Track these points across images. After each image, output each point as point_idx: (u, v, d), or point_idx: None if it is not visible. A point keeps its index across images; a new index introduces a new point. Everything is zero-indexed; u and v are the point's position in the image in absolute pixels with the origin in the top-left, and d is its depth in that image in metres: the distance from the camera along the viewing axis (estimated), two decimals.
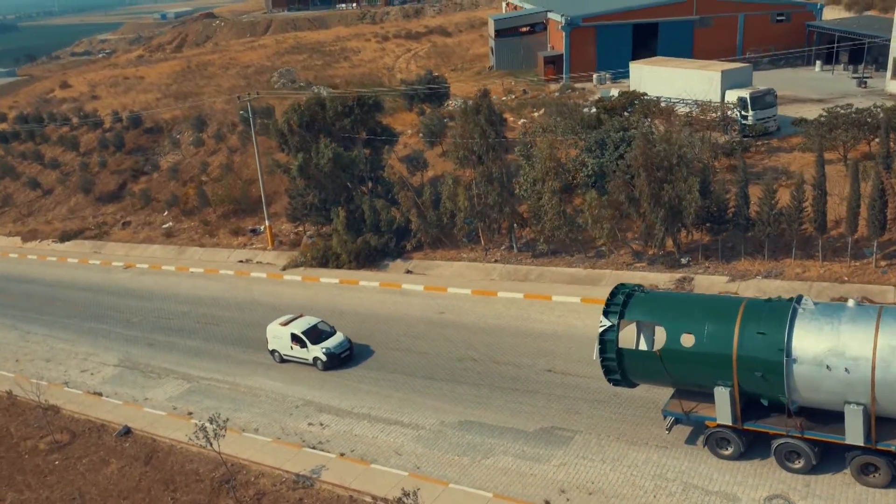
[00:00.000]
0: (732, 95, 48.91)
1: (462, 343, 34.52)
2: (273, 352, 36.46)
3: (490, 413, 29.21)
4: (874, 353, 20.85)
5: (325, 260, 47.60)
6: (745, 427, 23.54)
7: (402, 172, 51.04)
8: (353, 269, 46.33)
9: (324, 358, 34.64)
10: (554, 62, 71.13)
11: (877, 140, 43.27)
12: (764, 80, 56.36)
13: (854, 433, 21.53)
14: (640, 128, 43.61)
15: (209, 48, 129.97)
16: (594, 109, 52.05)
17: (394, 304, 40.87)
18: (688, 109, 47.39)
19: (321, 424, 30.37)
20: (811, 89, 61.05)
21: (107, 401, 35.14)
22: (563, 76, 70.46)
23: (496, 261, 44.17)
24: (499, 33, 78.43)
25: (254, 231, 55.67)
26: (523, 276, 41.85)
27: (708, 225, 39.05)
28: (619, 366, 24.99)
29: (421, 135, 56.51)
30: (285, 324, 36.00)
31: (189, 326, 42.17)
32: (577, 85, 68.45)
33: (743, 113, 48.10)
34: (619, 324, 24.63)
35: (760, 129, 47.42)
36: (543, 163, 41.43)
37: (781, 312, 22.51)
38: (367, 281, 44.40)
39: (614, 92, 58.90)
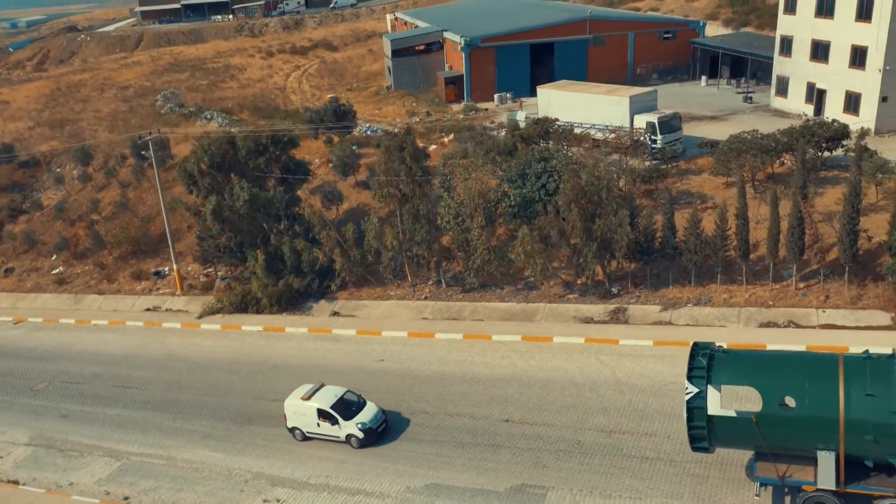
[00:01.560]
0: (641, 120, 50.32)
1: (411, 395, 33.64)
2: (293, 429, 32.32)
3: (455, 474, 28.52)
4: None
5: (245, 305, 45.35)
6: (847, 490, 22.57)
7: (317, 207, 49.44)
8: (275, 313, 44.38)
9: (360, 434, 30.74)
10: (454, 83, 71.12)
11: (780, 163, 45.81)
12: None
13: None
14: (560, 157, 44.10)
15: (77, 65, 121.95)
16: (503, 133, 52.34)
17: (328, 352, 39.39)
18: (602, 136, 48.42)
19: (277, 501, 28.70)
20: (702, 105, 63.90)
21: (26, 490, 31.87)
22: (465, 97, 70.58)
23: (426, 297, 43.49)
24: (395, 53, 77.67)
25: (158, 274, 52.38)
26: (456, 313, 41.35)
27: (637, 255, 39.93)
28: (708, 433, 23.56)
29: (331, 164, 55.01)
30: (307, 397, 31.72)
31: (105, 392, 39.02)
32: (480, 105, 68.76)
33: (652, 137, 49.63)
34: (706, 389, 23.28)
35: (670, 152, 49.06)
36: (471, 199, 41.12)
37: (887, 371, 21.91)
38: (294, 327, 42.62)
39: (521, 115, 59.48)
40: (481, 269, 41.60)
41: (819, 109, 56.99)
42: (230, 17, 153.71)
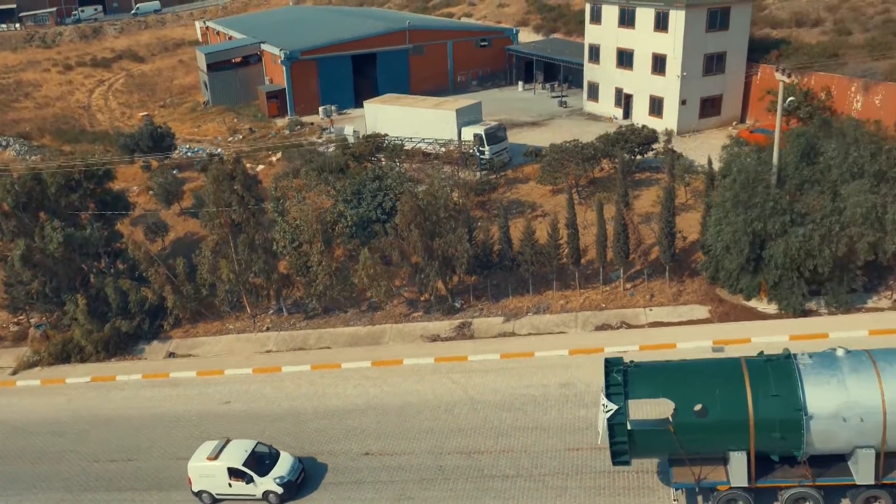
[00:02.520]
0: (468, 133, 51.49)
1: (264, 439, 32.22)
2: (200, 493, 29.30)
3: None
4: (883, 400, 22.44)
5: (67, 355, 41.66)
6: (758, 485, 23.94)
7: (140, 240, 46.29)
8: (103, 361, 41.15)
9: (279, 490, 28.30)
10: (277, 97, 69.25)
11: (600, 168, 48.49)
12: (476, 101, 59.16)
13: (865, 474, 23.02)
14: (394, 175, 44.19)
15: None
16: (332, 148, 51.65)
17: (167, 399, 37.06)
18: (432, 150, 49.00)
19: None
20: (522, 111, 66.49)
21: None
22: (289, 111, 68.95)
23: (268, 328, 42.07)
24: (211, 67, 74.37)
25: None
26: (302, 342, 40.34)
27: (477, 269, 40.81)
28: (629, 447, 24.10)
29: (152, 192, 51.81)
30: (214, 457, 28.87)
31: None
32: (305, 119, 67.46)
33: (480, 149, 50.92)
34: (626, 405, 23.71)
35: (499, 163, 50.54)
36: (307, 223, 40.20)
37: (787, 372, 23.30)
38: (126, 374, 39.72)
39: (349, 129, 59.00)
40: (323, 294, 40.84)
41: (627, 113, 61.04)
42: (17, 25, 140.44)
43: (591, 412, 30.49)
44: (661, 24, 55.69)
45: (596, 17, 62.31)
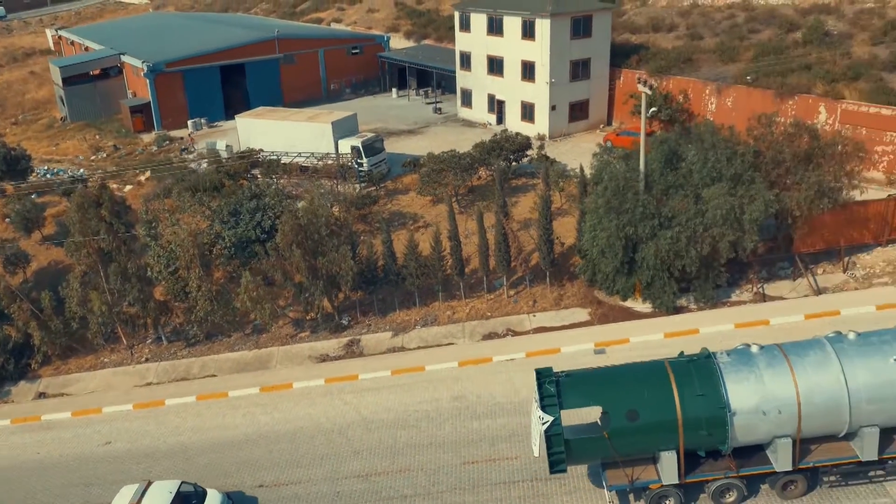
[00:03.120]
0: (345, 145, 51.15)
1: (152, 477, 30.89)
2: None
3: None
4: (797, 392, 23.75)
5: None
6: (688, 480, 24.90)
7: None
8: None
9: None
10: (142, 111, 66.33)
11: (477, 177, 49.38)
12: (351, 109, 58.97)
13: (783, 461, 24.48)
14: (272, 193, 43.33)
15: None
16: (204, 164, 50.02)
17: (41, 444, 34.79)
18: (309, 164, 48.32)
19: None
20: (398, 118, 66.76)
21: None
22: (155, 126, 66.17)
23: (146, 359, 40.30)
24: (67, 80, 70.26)
25: None
26: (185, 371, 38.91)
27: (362, 285, 40.67)
28: (566, 456, 24.50)
29: (9, 220, 48.47)
30: (136, 502, 26.55)
31: None
32: (173, 134, 64.95)
33: (358, 161, 50.70)
34: (560, 416, 24.04)
35: (377, 175, 50.50)
36: (183, 246, 38.77)
37: (710, 371, 24.31)
38: None
39: (221, 144, 57.30)
40: (205, 319, 39.55)
41: (501, 118, 62.47)
42: None
43: (483, 424, 31.12)
44: (529, 32, 57.29)
45: (465, 25, 63.32)
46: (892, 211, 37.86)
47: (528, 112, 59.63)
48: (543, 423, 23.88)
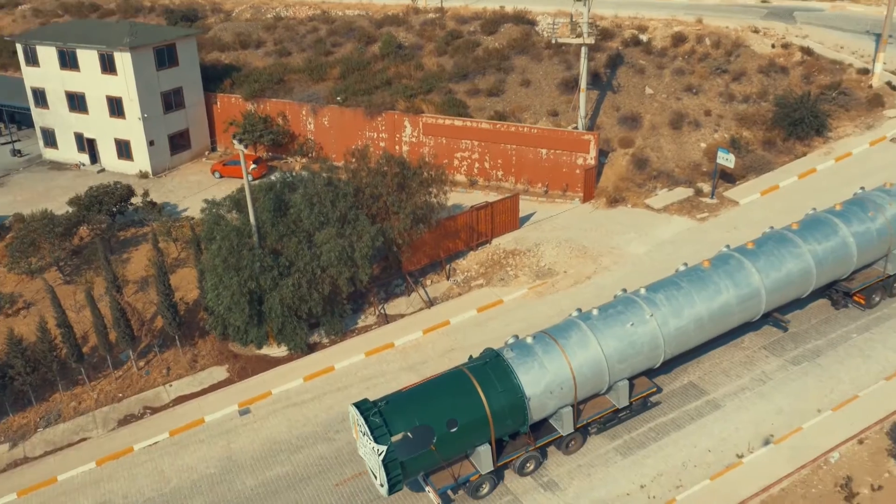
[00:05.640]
0: None
1: None
2: None
3: None
4: (571, 369, 28.21)
5: None
6: (499, 464, 28.14)
7: None
8: None
9: None
10: None
11: (79, 238, 45.31)
12: None
13: (567, 425, 29.08)
14: None
15: None
16: None
17: None
18: None
19: None
20: None
21: None
22: None
23: None
24: None
25: None
26: None
27: None
28: (405, 476, 26.40)
29: None
30: None
31: None
32: None
33: None
34: (392, 442, 25.62)
35: None
36: None
37: (504, 369, 27.65)
38: None
39: None
40: None
41: (94, 157, 57.81)
42: None
43: None
44: (109, 66, 53.43)
45: (32, 59, 56.85)
46: (476, 220, 43.45)
47: (124, 149, 55.93)
48: (380, 455, 25.64)
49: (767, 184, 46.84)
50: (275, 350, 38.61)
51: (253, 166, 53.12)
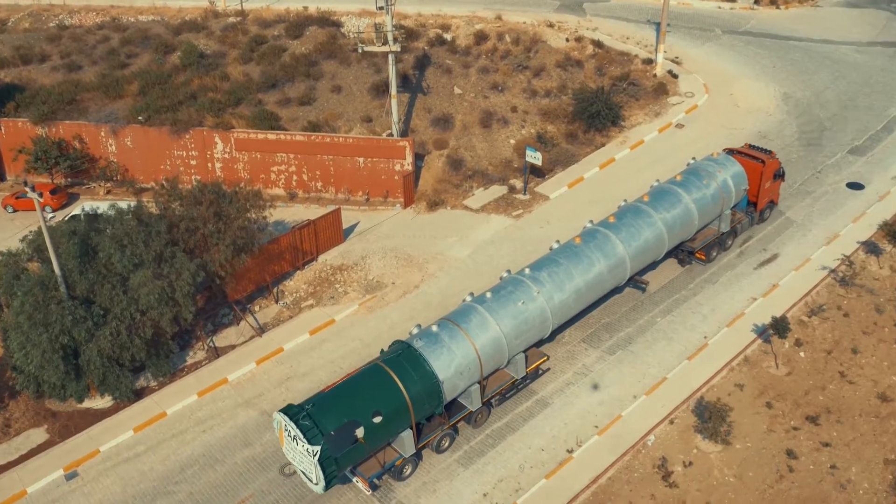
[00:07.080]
0: None
1: None
2: None
3: None
4: (476, 350, 30.62)
5: None
6: (419, 446, 30.22)
7: None
8: None
9: None
10: None
11: None
12: None
13: (476, 401, 31.61)
14: None
15: None
16: None
17: None
18: None
19: None
20: None
21: None
22: None
23: None
24: None
25: None
26: None
27: None
28: (339, 471, 27.99)
29: None
30: None
31: None
32: None
33: None
34: (324, 441, 27.11)
35: None
36: None
37: (416, 358, 29.61)
38: None
39: None
40: None
41: None
42: None
43: None
44: None
45: None
46: (300, 239, 42.99)
47: None
48: (315, 455, 27.01)
49: (573, 176, 49.86)
50: (98, 402, 36.49)
51: (50, 196, 49.30)
